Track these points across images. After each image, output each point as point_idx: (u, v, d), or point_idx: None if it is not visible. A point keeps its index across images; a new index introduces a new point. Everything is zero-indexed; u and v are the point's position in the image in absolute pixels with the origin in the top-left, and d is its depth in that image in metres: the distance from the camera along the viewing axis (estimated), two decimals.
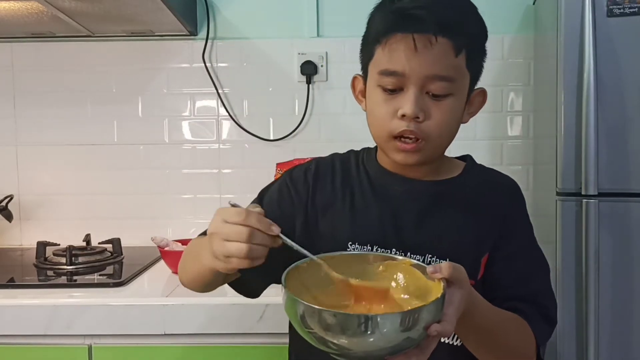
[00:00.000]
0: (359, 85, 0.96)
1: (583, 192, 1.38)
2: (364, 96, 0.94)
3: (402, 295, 0.80)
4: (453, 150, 1.17)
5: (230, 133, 1.92)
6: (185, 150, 1.93)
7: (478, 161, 1.09)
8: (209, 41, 1.89)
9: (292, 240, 0.79)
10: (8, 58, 1.92)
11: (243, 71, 1.91)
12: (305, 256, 0.80)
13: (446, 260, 0.82)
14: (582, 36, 1.37)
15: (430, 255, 0.89)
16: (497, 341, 0.88)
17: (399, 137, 0.87)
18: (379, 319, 0.68)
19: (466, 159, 1.03)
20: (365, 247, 0.91)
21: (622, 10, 1.36)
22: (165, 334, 1.29)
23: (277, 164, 1.88)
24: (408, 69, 0.84)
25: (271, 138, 1.91)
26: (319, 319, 0.69)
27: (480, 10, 0.91)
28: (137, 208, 1.93)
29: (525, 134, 1.89)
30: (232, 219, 0.74)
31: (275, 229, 0.76)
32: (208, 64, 1.89)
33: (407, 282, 0.80)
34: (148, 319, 1.29)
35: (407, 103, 0.84)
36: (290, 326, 0.92)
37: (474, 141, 1.87)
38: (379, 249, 0.90)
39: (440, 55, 0.84)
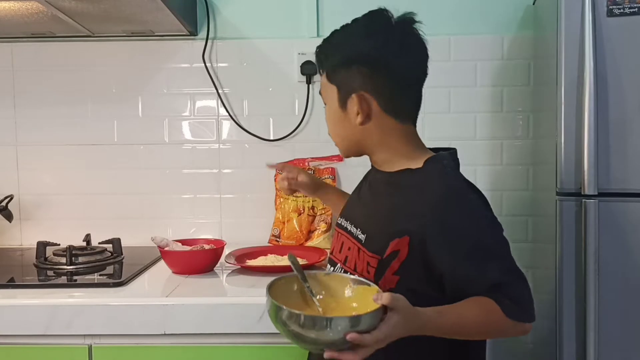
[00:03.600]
0: None
1: (583, 192, 1.38)
2: None
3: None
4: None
5: (230, 133, 1.92)
6: (185, 150, 1.93)
7: (478, 161, 1.13)
8: (209, 41, 1.89)
9: None
10: (8, 58, 1.92)
11: (243, 71, 1.91)
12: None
13: (364, 234, 1.09)
14: (582, 36, 1.37)
15: (358, 229, 1.12)
16: (470, 331, 1.00)
17: None
18: (326, 320, 0.87)
19: (433, 159, 1.09)
20: (341, 219, 1.20)
21: (622, 10, 1.37)
22: (165, 334, 1.29)
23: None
24: None
25: (271, 138, 1.91)
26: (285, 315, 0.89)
27: (480, 10, 0.93)
28: (137, 208, 1.93)
29: (525, 134, 1.89)
30: None
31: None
32: (208, 64, 1.89)
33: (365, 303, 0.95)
34: (148, 319, 1.29)
35: None
36: None
37: (474, 141, 1.87)
38: (345, 220, 1.18)
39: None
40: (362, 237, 1.09)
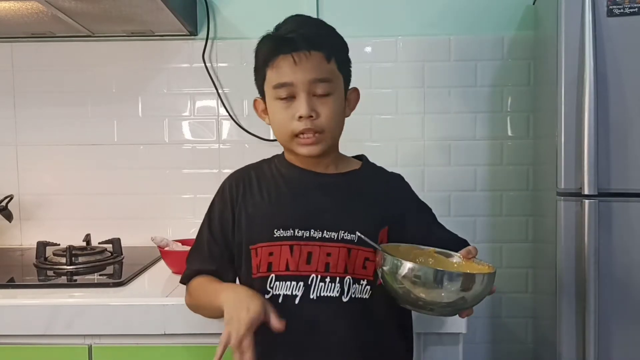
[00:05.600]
0: (260, 105, 1.18)
1: (583, 192, 1.38)
2: (266, 113, 1.16)
3: None
4: (454, 149, 1.17)
5: (230, 133, 1.92)
6: (185, 150, 1.93)
7: (478, 161, 1.14)
8: (209, 41, 1.89)
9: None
10: (8, 58, 1.92)
11: (243, 71, 1.90)
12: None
13: (355, 233, 1.08)
14: (582, 36, 1.37)
15: (342, 231, 1.10)
16: None
17: (299, 134, 1.10)
18: (474, 277, 0.94)
19: (362, 157, 1.24)
20: (288, 230, 1.10)
21: (622, 10, 1.37)
22: (165, 334, 1.29)
23: None
24: (294, 79, 1.08)
25: (271, 138, 1.91)
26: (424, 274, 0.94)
27: (480, 10, 0.93)
28: (137, 208, 1.93)
29: (525, 134, 1.88)
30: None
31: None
32: (208, 64, 1.89)
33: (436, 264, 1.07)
34: (148, 319, 1.29)
35: (301, 106, 1.08)
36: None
37: (474, 141, 1.87)
38: (300, 230, 1.10)
39: (316, 63, 1.08)
40: (351, 237, 1.10)
